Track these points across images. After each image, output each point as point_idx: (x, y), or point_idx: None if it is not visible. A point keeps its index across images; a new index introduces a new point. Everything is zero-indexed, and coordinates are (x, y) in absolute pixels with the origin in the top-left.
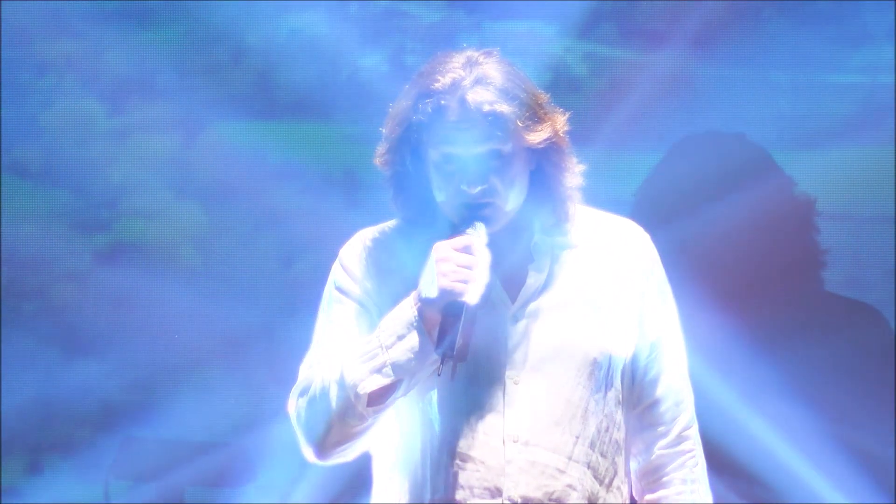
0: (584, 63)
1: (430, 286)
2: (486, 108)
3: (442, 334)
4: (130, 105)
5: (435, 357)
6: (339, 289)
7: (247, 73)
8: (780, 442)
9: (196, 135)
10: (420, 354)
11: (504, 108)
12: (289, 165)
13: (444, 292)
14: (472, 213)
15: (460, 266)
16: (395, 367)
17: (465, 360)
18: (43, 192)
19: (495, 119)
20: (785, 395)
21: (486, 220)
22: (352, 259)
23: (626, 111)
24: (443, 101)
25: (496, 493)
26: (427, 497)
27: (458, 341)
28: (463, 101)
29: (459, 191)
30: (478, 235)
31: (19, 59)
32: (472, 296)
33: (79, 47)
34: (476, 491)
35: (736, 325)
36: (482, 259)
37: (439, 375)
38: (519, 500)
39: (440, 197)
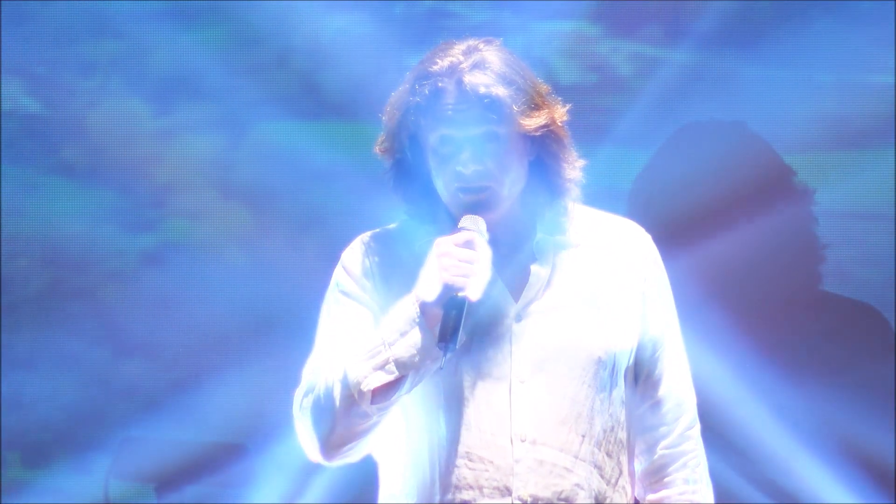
0: (630, 63)
1: (431, 282)
2: (483, 90)
3: (444, 329)
4: (176, 105)
5: (438, 352)
6: (341, 291)
7: (292, 73)
8: (780, 441)
9: (242, 135)
10: (423, 350)
11: (500, 91)
12: (334, 166)
13: (445, 287)
14: (469, 196)
15: (462, 261)
16: (398, 363)
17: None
18: (89, 192)
19: (491, 102)
20: (785, 395)
21: (483, 205)
22: (353, 261)
23: (672, 111)
24: (440, 84)
25: (506, 492)
26: (436, 497)
27: (461, 337)
28: (460, 83)
29: (456, 173)
30: (479, 231)
31: (65, 60)
32: (473, 290)
33: (125, 48)
34: (485, 491)
35: (735, 323)
36: (483, 254)
37: (442, 368)
38: (528, 500)
39: (438, 184)
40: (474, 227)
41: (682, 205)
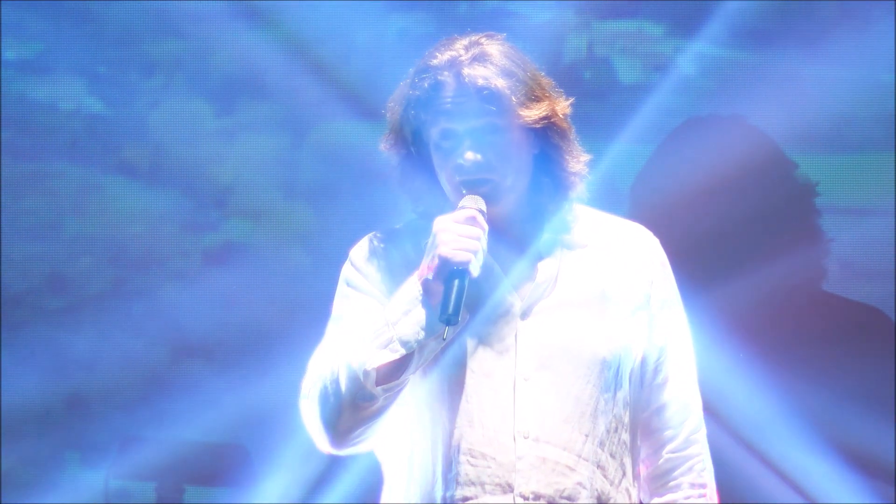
0: (694, 63)
1: (431, 258)
2: (481, 82)
3: (445, 302)
4: (238, 105)
5: (441, 328)
6: (349, 284)
7: (354, 72)
8: (781, 442)
9: (304, 134)
10: (426, 327)
11: (499, 82)
12: None
13: (444, 261)
14: (471, 190)
15: (461, 236)
16: (402, 341)
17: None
18: (151, 192)
19: (490, 94)
20: (786, 395)
21: (485, 198)
22: (361, 257)
23: (735, 111)
24: (439, 77)
25: (507, 489)
26: (438, 493)
27: (464, 313)
28: (459, 76)
29: (457, 166)
30: (478, 209)
31: (127, 60)
32: (473, 265)
33: (187, 47)
34: (487, 487)
35: (738, 321)
36: (482, 230)
37: (444, 340)
38: (530, 497)
39: (442, 178)
40: (474, 206)
41: (684, 200)
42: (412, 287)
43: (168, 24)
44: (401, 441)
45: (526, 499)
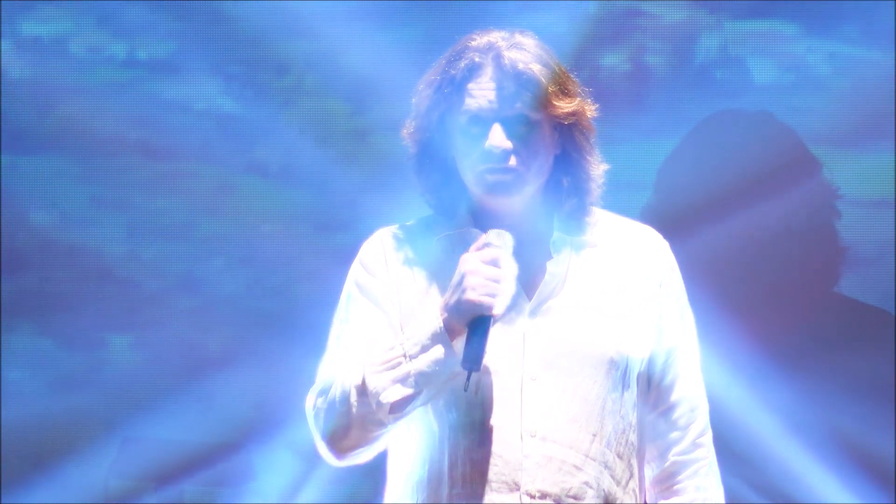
0: (828, 63)
1: (457, 299)
2: (521, 66)
3: (469, 350)
4: (371, 104)
5: (459, 370)
6: (358, 286)
7: None
8: (783, 442)
9: None
10: (444, 366)
11: (537, 69)
12: None
13: (472, 306)
14: (495, 176)
15: (488, 279)
16: (419, 377)
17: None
18: (284, 191)
19: (528, 80)
20: (789, 396)
21: (507, 187)
22: (371, 256)
23: (872, 112)
24: (477, 59)
25: (514, 487)
26: (445, 491)
27: (484, 357)
28: (498, 59)
29: (484, 153)
30: (505, 247)
31: (259, 59)
32: (498, 308)
33: (320, 47)
34: (494, 485)
35: (747, 324)
36: (509, 272)
37: (466, 391)
38: (536, 495)
39: (464, 165)
40: (501, 244)
41: (703, 194)
42: (433, 321)
43: (300, 24)
44: (406, 438)
45: (532, 497)
